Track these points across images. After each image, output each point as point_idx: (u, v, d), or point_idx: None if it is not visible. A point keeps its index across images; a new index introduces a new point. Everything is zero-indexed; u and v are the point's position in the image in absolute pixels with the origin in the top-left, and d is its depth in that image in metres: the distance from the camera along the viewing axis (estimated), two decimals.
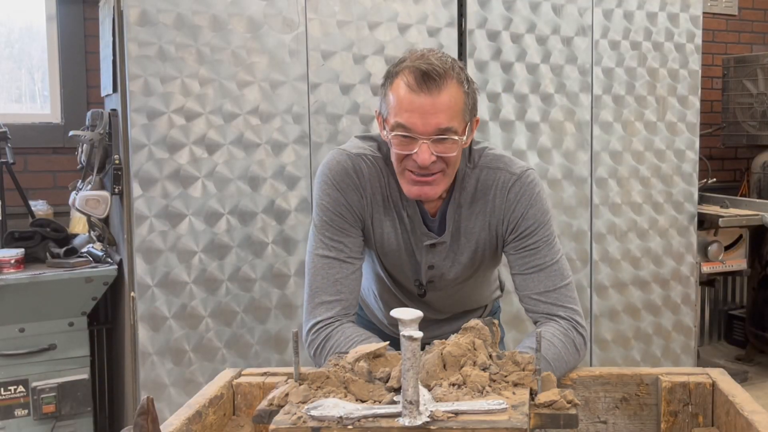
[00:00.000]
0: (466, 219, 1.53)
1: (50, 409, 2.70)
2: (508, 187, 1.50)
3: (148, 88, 2.56)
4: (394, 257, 1.58)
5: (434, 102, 1.36)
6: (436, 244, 1.54)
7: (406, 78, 1.37)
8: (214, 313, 2.71)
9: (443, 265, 1.57)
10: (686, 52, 3.58)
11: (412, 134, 1.38)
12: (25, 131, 3.20)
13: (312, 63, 2.80)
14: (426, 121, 1.37)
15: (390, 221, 1.54)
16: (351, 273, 1.49)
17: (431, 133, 1.37)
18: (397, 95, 1.38)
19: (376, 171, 1.52)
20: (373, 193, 1.52)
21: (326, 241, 1.49)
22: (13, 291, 2.63)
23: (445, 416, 0.93)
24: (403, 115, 1.37)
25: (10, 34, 3.48)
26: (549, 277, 1.48)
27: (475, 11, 3.08)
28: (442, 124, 1.37)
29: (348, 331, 1.43)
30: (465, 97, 1.41)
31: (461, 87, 1.40)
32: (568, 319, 1.46)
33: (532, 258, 1.49)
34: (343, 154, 1.53)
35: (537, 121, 3.24)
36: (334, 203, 1.50)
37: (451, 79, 1.38)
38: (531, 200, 1.49)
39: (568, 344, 1.40)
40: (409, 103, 1.37)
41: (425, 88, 1.36)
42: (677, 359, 3.65)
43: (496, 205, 1.51)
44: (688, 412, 1.24)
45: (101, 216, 2.77)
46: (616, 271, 3.46)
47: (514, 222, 1.49)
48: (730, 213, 3.74)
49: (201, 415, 1.14)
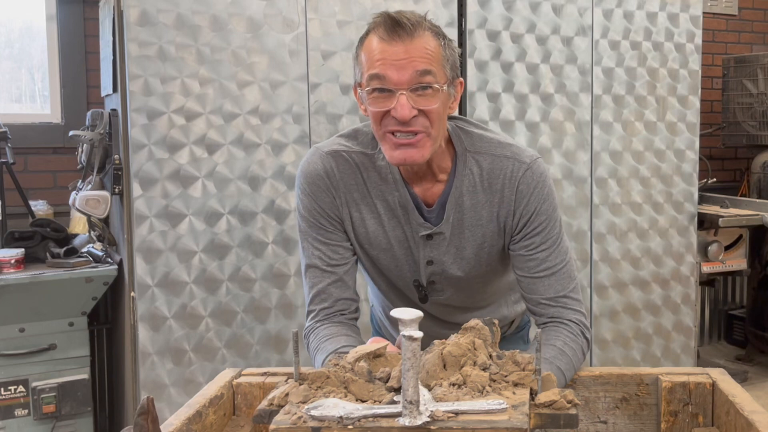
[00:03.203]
0: (470, 209, 1.43)
1: (50, 409, 2.70)
2: (518, 177, 1.40)
3: (148, 88, 2.56)
4: (387, 255, 1.49)
5: (407, 48, 1.28)
6: (433, 236, 1.45)
7: (377, 31, 1.30)
8: (214, 313, 2.71)
9: (444, 260, 1.47)
10: (686, 52, 3.58)
11: (387, 85, 1.29)
12: (25, 131, 3.20)
13: (312, 63, 2.80)
14: (401, 68, 1.28)
15: (374, 217, 1.46)
16: (332, 282, 1.46)
17: (408, 81, 1.28)
18: (369, 49, 1.31)
19: (351, 166, 1.44)
20: (347, 191, 1.45)
21: (309, 249, 1.48)
22: (13, 291, 2.63)
23: (445, 416, 0.93)
24: (376, 65, 1.29)
25: (10, 34, 3.48)
26: (559, 281, 1.42)
27: (475, 11, 3.08)
28: (419, 66, 1.28)
29: (321, 333, 1.44)
30: (442, 49, 1.32)
31: (437, 38, 1.32)
32: (577, 323, 1.42)
33: (543, 261, 1.42)
34: (315, 154, 1.47)
35: (537, 121, 3.24)
36: (309, 211, 1.46)
37: (424, 29, 1.30)
38: (544, 194, 1.41)
39: (577, 351, 1.37)
40: (381, 52, 1.29)
41: (397, 36, 1.28)
42: (677, 359, 3.65)
43: (505, 197, 1.41)
44: (688, 412, 1.24)
45: (101, 216, 2.77)
46: (616, 271, 3.46)
47: (527, 216, 1.41)
48: (730, 213, 3.74)
49: (201, 415, 1.14)
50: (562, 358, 1.32)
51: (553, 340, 1.37)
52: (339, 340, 1.40)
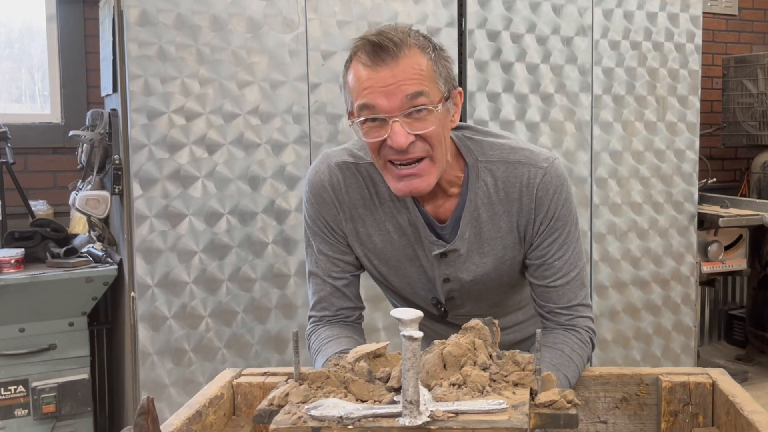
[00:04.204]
0: (488, 222, 1.36)
1: (50, 409, 2.70)
2: (536, 184, 1.33)
3: (148, 88, 2.56)
4: (397, 273, 1.44)
5: (394, 72, 1.20)
6: (447, 253, 1.37)
7: (359, 57, 1.23)
8: (214, 313, 2.71)
9: (462, 277, 1.40)
10: (686, 52, 3.58)
11: (378, 114, 1.22)
12: (25, 131, 3.20)
13: (312, 63, 2.80)
14: (390, 94, 1.20)
15: (382, 233, 1.40)
16: (332, 292, 1.45)
17: (400, 107, 1.20)
18: (354, 77, 1.24)
19: (359, 180, 1.38)
20: (353, 206, 1.40)
21: (312, 255, 1.47)
22: (13, 291, 2.63)
23: (445, 416, 0.93)
24: (363, 94, 1.22)
25: (10, 34, 3.48)
26: (572, 289, 1.38)
27: (475, 11, 3.08)
28: (409, 90, 1.19)
29: (323, 334, 1.44)
30: (433, 64, 1.23)
31: (425, 54, 1.23)
32: (587, 330, 1.40)
33: (558, 270, 1.37)
34: (324, 163, 1.42)
35: (537, 121, 3.24)
36: (313, 220, 1.43)
37: (409, 47, 1.21)
38: (563, 199, 1.34)
39: (584, 357, 1.36)
40: (367, 80, 1.21)
41: (380, 60, 1.20)
42: (677, 359, 3.65)
43: (524, 205, 1.34)
44: (688, 412, 1.24)
45: (101, 216, 2.77)
46: (616, 271, 3.46)
47: (547, 223, 1.34)
48: (730, 213, 3.74)
49: (201, 415, 1.14)
50: (569, 365, 1.31)
51: (561, 345, 1.35)
52: (340, 342, 1.40)
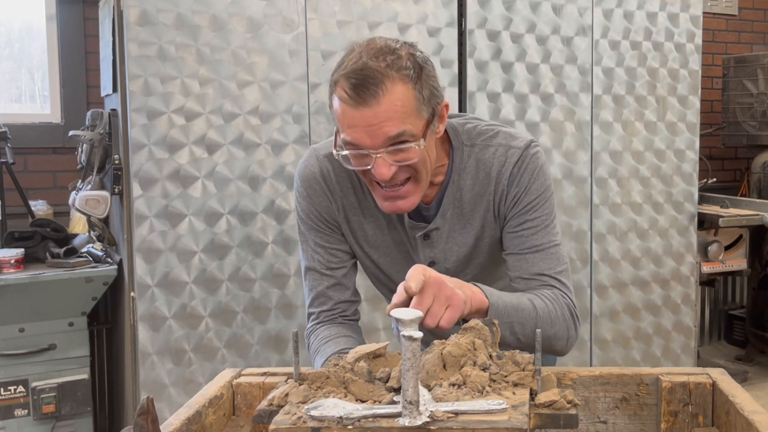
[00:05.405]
0: (469, 202, 1.42)
1: (50, 409, 2.70)
2: (513, 161, 1.38)
3: (148, 88, 2.56)
4: (387, 259, 1.49)
5: (376, 113, 1.22)
6: (430, 234, 1.43)
7: (341, 91, 1.24)
8: (214, 313, 2.71)
9: (447, 257, 1.46)
10: (686, 52, 3.58)
11: (362, 150, 1.26)
12: (25, 131, 3.20)
13: (312, 63, 2.80)
14: (373, 134, 1.23)
15: (372, 220, 1.46)
16: (331, 285, 1.47)
17: (383, 144, 1.24)
18: (338, 110, 1.26)
19: (347, 169, 1.39)
20: (343, 195, 1.44)
21: (308, 251, 1.48)
22: (13, 291, 2.63)
23: (445, 416, 0.93)
24: (347, 131, 1.25)
25: (10, 34, 3.48)
26: (545, 259, 1.38)
27: (475, 11, 3.08)
28: (391, 132, 1.23)
29: (322, 334, 1.44)
30: (416, 93, 1.25)
31: (407, 84, 1.24)
32: (560, 289, 1.38)
33: (530, 238, 1.39)
34: (312, 156, 1.46)
35: (537, 121, 3.24)
36: (306, 214, 1.46)
37: (392, 81, 1.22)
38: (534, 173, 1.39)
39: (557, 306, 1.34)
40: (350, 119, 1.24)
41: (361, 100, 1.22)
42: (677, 359, 3.65)
43: (500, 183, 1.39)
44: (688, 412, 1.24)
45: (101, 216, 2.77)
46: (616, 271, 3.46)
47: (518, 197, 1.39)
48: (730, 213, 3.74)
49: (201, 415, 1.14)
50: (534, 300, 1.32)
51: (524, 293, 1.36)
52: (339, 342, 1.41)
